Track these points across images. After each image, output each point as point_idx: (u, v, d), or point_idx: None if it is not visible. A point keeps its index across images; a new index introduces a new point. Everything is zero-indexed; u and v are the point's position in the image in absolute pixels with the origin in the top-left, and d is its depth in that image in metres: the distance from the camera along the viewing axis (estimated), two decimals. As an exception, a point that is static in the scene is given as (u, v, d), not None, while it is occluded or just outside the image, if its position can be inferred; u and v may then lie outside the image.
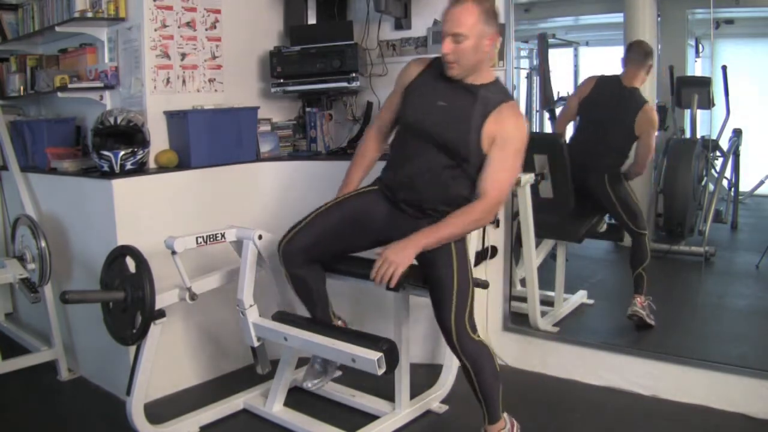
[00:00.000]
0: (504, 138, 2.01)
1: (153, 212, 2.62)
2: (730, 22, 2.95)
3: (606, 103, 2.92)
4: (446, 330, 2.04)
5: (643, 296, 2.92)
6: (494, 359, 2.12)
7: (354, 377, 2.22)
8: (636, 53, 2.89)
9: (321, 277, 2.28)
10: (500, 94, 2.08)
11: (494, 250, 2.93)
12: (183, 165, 2.79)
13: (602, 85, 2.95)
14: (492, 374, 2.10)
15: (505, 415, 2.20)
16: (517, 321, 3.00)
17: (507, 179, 2.07)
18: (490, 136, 2.02)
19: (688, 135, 3.11)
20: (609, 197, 2.96)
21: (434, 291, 2.07)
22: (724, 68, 2.90)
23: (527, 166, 3.01)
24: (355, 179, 2.31)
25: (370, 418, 2.45)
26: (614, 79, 2.89)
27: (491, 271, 2.93)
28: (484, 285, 2.44)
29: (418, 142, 2.10)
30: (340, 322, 2.40)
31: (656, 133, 2.94)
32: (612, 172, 2.96)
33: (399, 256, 1.95)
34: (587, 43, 3.41)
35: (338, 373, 2.43)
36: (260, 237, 2.28)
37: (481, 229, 2.83)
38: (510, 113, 2.04)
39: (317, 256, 2.21)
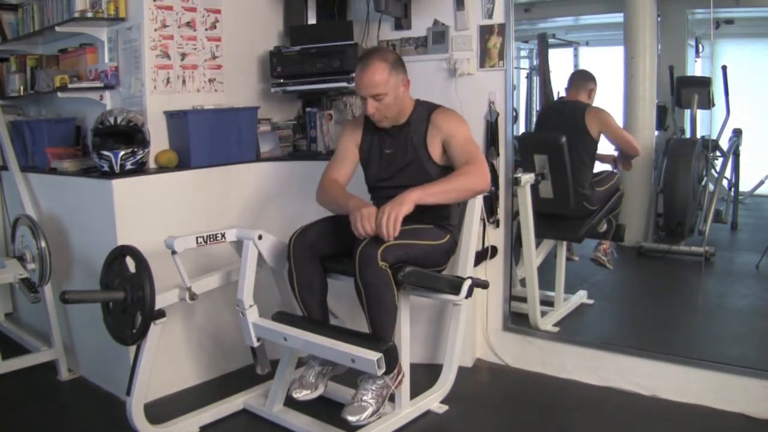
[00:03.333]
0: (447, 132, 2.24)
1: (153, 212, 2.62)
2: (730, 22, 2.94)
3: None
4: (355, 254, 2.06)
5: (607, 243, 3.12)
6: (394, 293, 2.09)
7: (354, 377, 2.22)
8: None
9: (324, 284, 2.31)
10: (424, 111, 2.31)
11: (494, 250, 2.93)
12: (183, 165, 2.79)
13: None
14: (388, 306, 2.09)
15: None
16: (517, 321, 3.00)
17: (476, 148, 2.25)
18: (438, 142, 2.26)
19: (688, 135, 3.11)
20: None
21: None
22: (724, 68, 2.89)
23: (527, 166, 3.03)
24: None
25: (370, 418, 2.45)
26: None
27: (491, 271, 2.93)
28: (484, 285, 2.45)
29: (390, 192, 2.21)
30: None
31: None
32: None
33: (397, 209, 2.02)
34: (587, 43, 3.41)
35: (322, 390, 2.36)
36: (260, 237, 2.28)
37: (481, 229, 2.83)
38: (440, 117, 2.28)
39: (323, 250, 2.26)
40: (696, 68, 3.08)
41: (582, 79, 3.16)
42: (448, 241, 2.32)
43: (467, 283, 2.33)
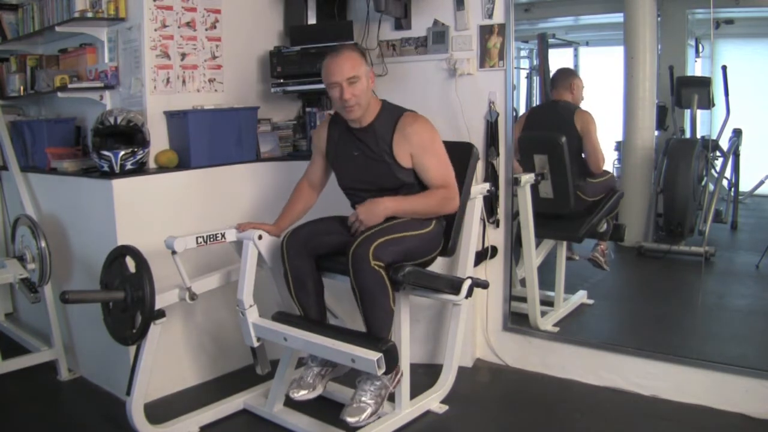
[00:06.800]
0: (418, 146, 2.24)
1: (153, 212, 2.62)
2: (730, 22, 2.94)
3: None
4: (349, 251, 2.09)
5: (605, 243, 3.14)
6: (389, 295, 2.11)
7: (354, 377, 2.22)
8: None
9: (319, 283, 2.31)
10: (390, 115, 2.29)
11: (494, 250, 2.93)
12: (183, 165, 2.79)
13: None
14: (383, 308, 2.10)
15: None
16: (517, 321, 3.00)
17: (449, 171, 2.29)
18: (407, 153, 2.25)
19: (688, 135, 3.11)
20: None
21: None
22: (724, 68, 2.89)
23: (527, 166, 3.03)
24: (285, 224, 2.43)
25: (370, 418, 2.45)
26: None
27: (491, 271, 2.93)
28: (484, 285, 2.45)
29: (364, 194, 2.31)
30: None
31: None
32: None
33: (369, 219, 2.18)
34: (587, 43, 3.41)
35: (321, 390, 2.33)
36: (260, 237, 2.29)
37: (481, 229, 2.83)
38: (406, 123, 2.26)
39: (317, 249, 2.27)
40: (696, 68, 3.08)
41: (562, 77, 3.19)
42: (436, 227, 2.32)
43: (467, 283, 2.33)
